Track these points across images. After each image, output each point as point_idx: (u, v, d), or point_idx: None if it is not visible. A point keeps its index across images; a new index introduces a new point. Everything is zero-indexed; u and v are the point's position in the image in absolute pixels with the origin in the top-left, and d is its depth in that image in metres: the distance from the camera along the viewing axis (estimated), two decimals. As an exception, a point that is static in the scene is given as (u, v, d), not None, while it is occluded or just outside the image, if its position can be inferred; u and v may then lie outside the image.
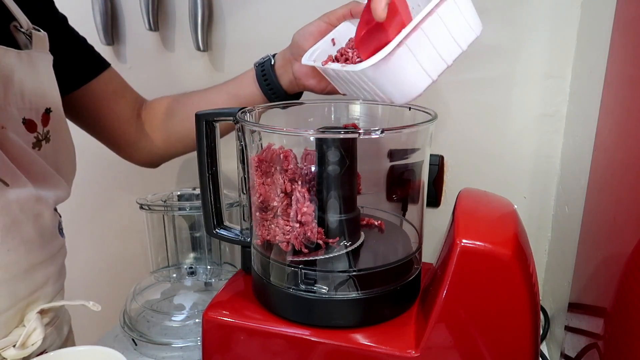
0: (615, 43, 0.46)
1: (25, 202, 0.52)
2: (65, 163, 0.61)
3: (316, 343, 0.51)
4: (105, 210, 1.01)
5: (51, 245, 0.56)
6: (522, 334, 0.48)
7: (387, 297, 0.53)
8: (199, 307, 0.73)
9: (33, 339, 0.53)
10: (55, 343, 0.60)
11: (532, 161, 0.72)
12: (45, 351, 0.57)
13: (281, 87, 0.65)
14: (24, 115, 0.53)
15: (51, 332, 0.58)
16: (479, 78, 0.71)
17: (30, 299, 0.54)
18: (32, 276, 0.54)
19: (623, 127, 0.42)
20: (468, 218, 0.51)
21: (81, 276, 1.07)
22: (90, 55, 0.68)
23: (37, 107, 0.55)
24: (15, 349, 0.51)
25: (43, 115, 0.56)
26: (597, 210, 0.49)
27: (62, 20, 0.65)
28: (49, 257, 0.56)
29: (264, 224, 0.54)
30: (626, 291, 0.37)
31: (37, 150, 0.55)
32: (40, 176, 0.55)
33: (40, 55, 0.56)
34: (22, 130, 0.53)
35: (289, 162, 0.53)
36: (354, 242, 0.54)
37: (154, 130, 0.72)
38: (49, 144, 0.57)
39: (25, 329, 0.52)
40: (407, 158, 0.56)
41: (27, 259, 0.53)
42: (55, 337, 0.60)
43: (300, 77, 0.63)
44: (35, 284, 0.55)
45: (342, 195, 0.53)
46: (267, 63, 0.65)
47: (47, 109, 0.56)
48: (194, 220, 0.79)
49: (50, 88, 0.57)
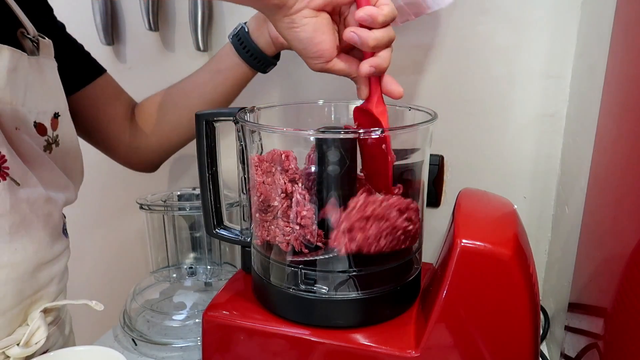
0: (615, 43, 0.46)
1: (35, 201, 0.53)
2: (74, 167, 0.62)
3: (316, 343, 0.51)
4: (105, 210, 1.01)
5: (57, 245, 0.57)
6: (522, 334, 0.48)
7: (387, 297, 0.53)
8: (199, 307, 0.73)
9: (36, 338, 0.53)
10: (58, 343, 0.61)
11: (532, 161, 0.72)
12: (47, 351, 0.57)
13: (261, 51, 0.65)
14: (35, 119, 0.54)
15: (54, 332, 0.59)
16: (479, 78, 0.71)
17: (35, 298, 0.55)
18: (37, 276, 0.54)
19: (623, 127, 0.42)
20: (468, 218, 0.51)
21: (81, 276, 1.07)
22: (87, 61, 0.69)
23: (47, 111, 0.56)
24: (19, 347, 0.52)
25: (52, 119, 0.57)
26: (597, 210, 0.49)
27: (60, 28, 0.67)
28: (54, 257, 0.56)
29: (263, 224, 0.54)
30: (626, 291, 0.37)
31: (48, 153, 0.56)
32: (50, 178, 0.56)
33: (47, 61, 0.57)
34: (33, 133, 0.54)
35: (289, 162, 0.53)
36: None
37: (147, 128, 0.72)
38: (59, 147, 0.58)
39: (29, 328, 0.52)
40: (407, 158, 0.56)
41: (35, 258, 0.53)
42: (58, 337, 0.61)
43: (277, 37, 0.63)
44: (40, 284, 0.55)
45: (342, 195, 0.53)
46: (241, 31, 0.65)
47: (55, 114, 0.57)
48: (194, 220, 0.79)
49: (57, 93, 0.58)
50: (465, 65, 0.71)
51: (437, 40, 0.72)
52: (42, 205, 0.54)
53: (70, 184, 0.59)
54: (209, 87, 0.68)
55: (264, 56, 0.66)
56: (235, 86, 0.68)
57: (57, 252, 0.57)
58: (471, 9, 0.69)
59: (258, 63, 0.66)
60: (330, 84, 0.67)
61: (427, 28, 0.71)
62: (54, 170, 0.56)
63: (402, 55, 0.73)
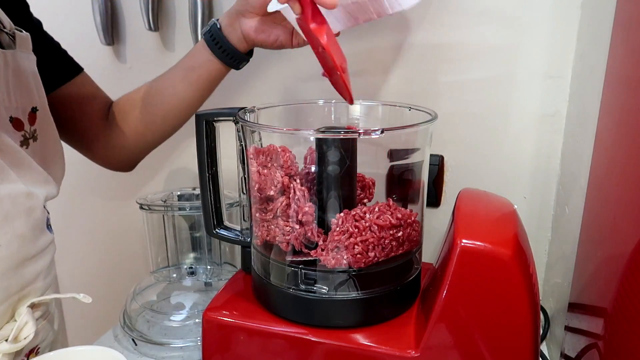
0: (615, 43, 0.46)
1: (16, 197, 0.53)
2: (54, 161, 0.61)
3: (316, 343, 0.51)
4: (105, 210, 1.01)
5: (41, 240, 0.57)
6: (522, 334, 0.48)
7: (387, 297, 0.53)
8: (199, 307, 0.73)
9: (25, 333, 0.53)
10: (48, 338, 0.61)
11: (532, 161, 0.72)
12: (37, 347, 0.58)
13: (233, 47, 0.64)
14: (10, 114, 0.54)
15: (44, 327, 0.59)
16: (479, 78, 0.71)
17: (22, 294, 0.55)
18: (23, 271, 0.54)
19: (623, 127, 0.42)
20: (468, 218, 0.51)
21: (81, 276, 1.07)
22: (64, 59, 0.69)
23: (24, 106, 0.56)
24: (8, 343, 0.52)
25: (30, 114, 0.56)
26: (597, 210, 0.49)
27: (37, 25, 0.66)
28: (38, 252, 0.56)
29: (263, 224, 0.54)
30: (626, 291, 0.37)
31: (25, 149, 0.56)
32: (29, 173, 0.55)
33: (25, 55, 0.56)
34: (9, 128, 0.54)
35: (285, 154, 0.53)
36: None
37: (123, 127, 0.72)
38: (37, 142, 0.58)
39: (17, 323, 0.53)
40: (407, 158, 0.56)
41: (19, 253, 0.53)
42: (48, 331, 0.61)
43: (249, 34, 0.63)
44: (26, 279, 0.55)
45: (342, 195, 0.53)
46: (213, 27, 0.65)
47: (33, 108, 0.57)
48: (194, 220, 0.79)
49: (35, 87, 0.58)
50: (466, 65, 0.71)
51: (437, 40, 0.72)
52: (24, 200, 0.54)
53: (50, 179, 0.59)
54: (183, 84, 0.67)
55: (236, 52, 0.65)
56: (208, 83, 0.67)
57: (41, 247, 0.57)
58: (471, 9, 0.69)
59: (230, 59, 0.65)
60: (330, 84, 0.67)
61: (427, 28, 0.72)
62: (32, 165, 0.56)
63: (401, 54, 0.73)
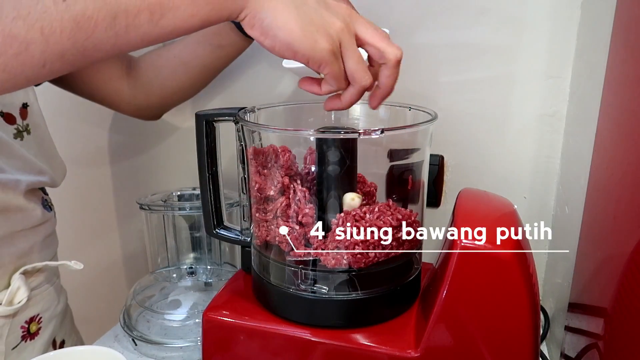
0: (615, 43, 0.46)
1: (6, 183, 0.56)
2: (50, 154, 0.64)
3: (316, 343, 0.51)
4: (105, 210, 1.01)
5: (31, 216, 0.60)
6: (522, 334, 0.48)
7: (387, 297, 0.53)
8: (199, 307, 0.73)
9: (19, 297, 0.58)
10: (51, 309, 0.65)
11: (532, 161, 0.72)
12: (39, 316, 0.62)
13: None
14: (1, 109, 0.56)
15: (43, 297, 0.63)
16: (479, 78, 0.71)
17: (17, 264, 0.59)
18: (13, 242, 0.59)
19: (623, 127, 0.42)
20: (468, 218, 0.51)
21: (81, 276, 1.07)
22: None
23: (14, 102, 0.58)
24: (2, 306, 0.57)
25: (21, 109, 0.59)
26: (597, 210, 0.49)
27: None
28: (29, 227, 0.60)
29: (263, 224, 0.54)
30: (626, 291, 0.37)
31: (19, 141, 0.58)
32: (22, 165, 0.58)
33: None
34: (1, 122, 0.56)
35: (285, 153, 0.53)
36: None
37: (147, 85, 0.73)
38: (31, 135, 0.60)
39: (10, 288, 0.58)
40: (407, 158, 0.56)
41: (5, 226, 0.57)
42: (51, 302, 0.65)
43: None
44: (20, 250, 0.59)
45: (342, 195, 0.53)
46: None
47: (23, 104, 0.59)
48: (194, 220, 0.79)
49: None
50: (465, 65, 0.71)
51: (437, 40, 0.72)
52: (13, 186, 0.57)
53: (45, 169, 0.62)
54: (210, 59, 0.71)
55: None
56: (233, 59, 0.72)
57: (33, 223, 0.60)
58: (471, 9, 0.69)
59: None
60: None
61: (427, 28, 0.72)
62: (24, 156, 0.59)
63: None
